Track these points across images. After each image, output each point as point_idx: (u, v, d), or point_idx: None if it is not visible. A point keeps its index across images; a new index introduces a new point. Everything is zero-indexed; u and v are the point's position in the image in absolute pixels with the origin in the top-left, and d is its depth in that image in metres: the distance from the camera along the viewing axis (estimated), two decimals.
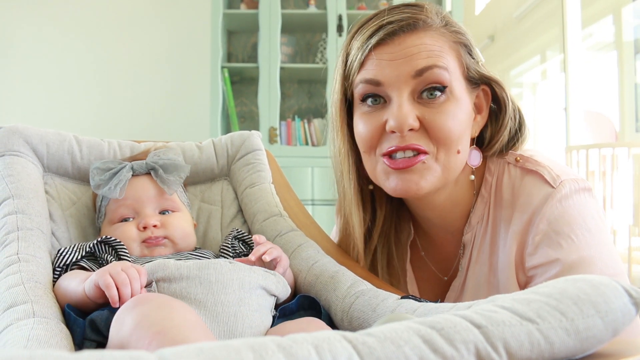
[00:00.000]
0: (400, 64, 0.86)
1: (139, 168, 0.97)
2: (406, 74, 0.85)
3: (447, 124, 0.85)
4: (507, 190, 0.91)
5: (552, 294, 0.42)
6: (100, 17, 3.82)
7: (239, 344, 0.37)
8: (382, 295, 0.75)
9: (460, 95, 0.88)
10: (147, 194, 0.95)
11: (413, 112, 0.85)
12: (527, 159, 0.91)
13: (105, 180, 0.94)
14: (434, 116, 0.85)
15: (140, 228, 0.91)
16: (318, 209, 3.07)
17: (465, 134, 0.89)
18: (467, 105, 0.89)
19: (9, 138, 0.99)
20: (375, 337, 0.38)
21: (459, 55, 0.89)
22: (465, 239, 0.96)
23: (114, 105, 3.81)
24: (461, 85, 0.89)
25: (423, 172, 0.86)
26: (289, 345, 0.37)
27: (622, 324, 0.45)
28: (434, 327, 0.37)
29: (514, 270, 0.88)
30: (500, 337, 0.38)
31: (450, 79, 0.86)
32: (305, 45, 3.57)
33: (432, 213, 0.98)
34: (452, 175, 0.90)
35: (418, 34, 0.87)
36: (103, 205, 0.96)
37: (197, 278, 0.71)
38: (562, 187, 0.85)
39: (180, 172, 0.99)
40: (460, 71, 0.89)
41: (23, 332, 0.59)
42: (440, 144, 0.86)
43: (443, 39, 0.88)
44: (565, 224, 0.84)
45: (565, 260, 0.82)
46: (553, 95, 4.89)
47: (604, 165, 2.99)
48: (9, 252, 0.80)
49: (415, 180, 0.86)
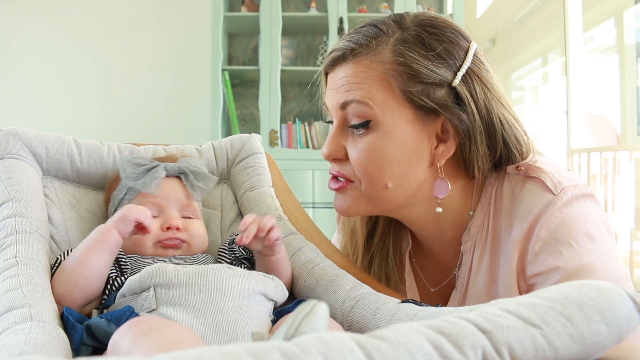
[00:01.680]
0: (333, 94, 0.90)
1: (172, 170, 0.98)
2: (335, 106, 0.89)
3: (364, 162, 0.87)
4: (507, 198, 0.89)
5: (557, 299, 0.42)
6: (101, 20, 3.83)
7: (240, 349, 0.35)
8: (382, 299, 0.75)
9: (392, 128, 0.84)
10: (175, 196, 0.96)
11: (338, 144, 0.90)
12: (529, 165, 0.89)
13: (138, 174, 0.94)
14: (352, 151, 0.88)
15: (164, 228, 0.91)
16: (319, 212, 3.06)
17: (397, 169, 0.86)
18: (405, 137, 0.85)
19: (8, 141, 0.98)
20: (388, 343, 0.37)
21: (391, 85, 0.84)
22: (464, 247, 0.94)
23: (114, 107, 3.81)
24: (399, 117, 0.84)
25: (347, 198, 0.91)
26: (295, 355, 0.35)
27: (626, 331, 0.45)
28: (442, 332, 0.37)
29: (515, 279, 0.87)
30: (504, 342, 0.38)
31: (374, 113, 0.84)
32: (306, 48, 3.58)
33: (416, 226, 0.98)
34: (387, 205, 0.90)
35: (347, 64, 0.88)
36: (127, 198, 0.96)
37: (196, 285, 0.71)
38: (564, 194, 0.83)
39: (209, 182, 1.02)
40: (398, 101, 0.84)
41: (20, 337, 0.58)
42: (361, 179, 0.88)
43: (372, 70, 0.85)
44: (566, 231, 0.82)
45: (565, 268, 0.80)
46: (554, 98, 4.89)
47: (605, 169, 2.98)
48: (7, 255, 0.80)
49: (344, 203, 0.92)
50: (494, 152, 0.88)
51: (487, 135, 0.86)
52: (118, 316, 0.67)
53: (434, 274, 1.03)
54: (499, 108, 0.87)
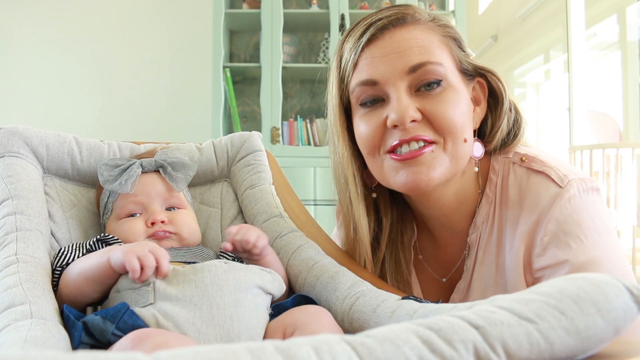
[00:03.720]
0: (393, 59, 0.85)
1: (148, 165, 0.98)
2: (400, 70, 0.85)
3: (449, 112, 0.85)
4: (514, 190, 0.90)
5: (552, 293, 0.42)
6: (102, 17, 3.83)
7: (237, 346, 0.36)
8: (382, 296, 0.75)
9: (458, 86, 0.88)
10: (156, 190, 0.96)
11: (413, 104, 0.84)
12: (533, 158, 0.90)
13: (115, 175, 0.95)
14: (435, 105, 0.85)
15: (149, 224, 0.92)
16: (320, 209, 3.06)
17: (468, 123, 0.89)
18: (465, 95, 0.90)
19: (9, 139, 0.99)
20: (374, 338, 0.38)
21: (449, 48, 0.89)
22: (471, 239, 0.95)
23: (115, 105, 3.81)
24: (457, 77, 0.89)
25: (432, 163, 0.85)
26: (288, 348, 0.37)
27: (623, 323, 0.45)
28: (431, 328, 0.37)
29: (522, 272, 0.87)
30: (498, 337, 0.38)
31: (445, 72, 0.86)
32: (307, 45, 3.57)
33: (439, 211, 0.96)
34: (461, 165, 0.88)
35: (407, 27, 0.87)
36: (110, 201, 0.97)
37: (193, 282, 0.71)
38: (570, 186, 0.84)
39: (188, 171, 1.01)
40: (454, 64, 0.89)
41: (20, 334, 0.58)
42: (445, 133, 0.85)
43: (432, 33, 0.88)
44: (574, 225, 0.82)
45: (574, 261, 0.81)
46: (556, 95, 4.88)
47: (608, 166, 2.97)
48: (7, 252, 0.80)
49: (425, 172, 0.84)
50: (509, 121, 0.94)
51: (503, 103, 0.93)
52: (113, 313, 0.67)
53: (437, 266, 1.03)
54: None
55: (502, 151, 0.95)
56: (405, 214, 1.04)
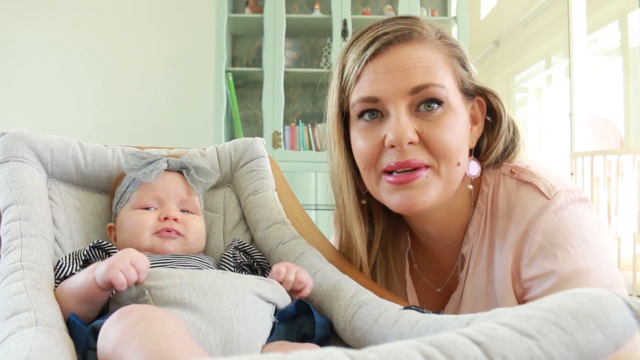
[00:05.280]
0: (396, 77, 0.85)
1: (173, 164, 1.00)
2: (403, 89, 0.84)
3: (446, 136, 0.85)
4: (503, 202, 0.91)
5: (551, 309, 0.42)
6: (105, 22, 3.84)
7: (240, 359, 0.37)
8: (384, 306, 0.75)
9: (457, 107, 0.88)
10: (176, 189, 0.98)
11: (411, 126, 0.84)
12: (523, 170, 0.91)
13: (140, 165, 0.97)
14: (433, 129, 0.85)
15: (161, 218, 0.94)
16: (321, 214, 3.07)
17: (463, 145, 0.89)
18: (464, 117, 0.90)
19: (14, 144, 0.99)
20: (377, 354, 0.38)
21: (453, 68, 0.89)
22: (464, 250, 0.96)
23: (118, 109, 3.82)
24: (457, 98, 0.89)
25: (426, 187, 0.86)
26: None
27: (623, 337, 0.45)
28: (433, 344, 0.37)
29: (510, 282, 0.88)
30: (499, 353, 0.38)
31: (447, 94, 0.86)
32: (309, 50, 3.58)
33: (431, 227, 0.97)
34: (454, 187, 0.89)
35: (413, 45, 0.86)
36: (129, 190, 0.98)
37: (190, 285, 0.72)
38: (558, 198, 0.84)
39: (210, 178, 1.04)
40: (456, 84, 0.89)
41: (25, 341, 0.59)
42: (440, 157, 0.85)
43: (438, 53, 0.87)
44: (561, 235, 0.83)
45: (560, 272, 0.82)
46: (558, 100, 4.88)
47: (609, 172, 2.98)
48: (12, 258, 0.80)
49: (418, 196, 0.86)
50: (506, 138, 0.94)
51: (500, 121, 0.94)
52: None
53: (432, 275, 1.04)
54: None
55: (495, 166, 0.96)
56: (399, 224, 1.05)
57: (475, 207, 0.95)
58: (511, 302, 0.88)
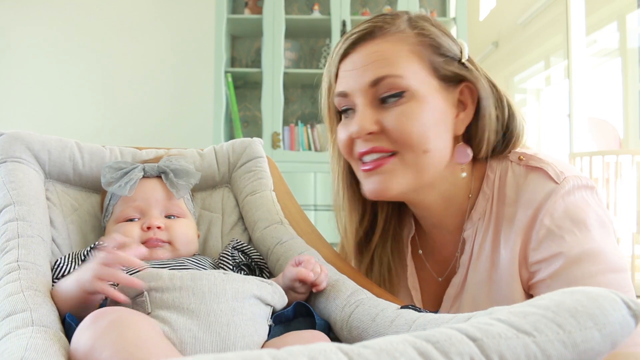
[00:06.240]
0: (359, 74, 0.90)
1: (151, 170, 0.99)
2: (363, 84, 0.89)
3: (406, 126, 0.87)
4: (511, 188, 0.91)
5: (549, 307, 0.42)
6: (104, 23, 3.84)
7: (232, 356, 0.36)
8: (381, 305, 0.75)
9: (426, 96, 0.88)
10: (155, 196, 0.97)
11: (372, 117, 0.88)
12: (531, 156, 0.92)
13: (117, 178, 0.96)
14: (392, 119, 0.88)
15: (144, 228, 0.93)
16: (320, 215, 3.07)
17: (433, 133, 0.89)
18: (437, 104, 0.89)
19: (11, 144, 0.99)
20: (371, 349, 0.38)
21: (421, 57, 0.89)
22: (466, 234, 0.96)
23: (117, 110, 3.82)
24: (429, 86, 0.89)
25: (392, 173, 0.89)
26: (284, 358, 0.37)
27: (620, 337, 0.45)
28: (429, 340, 0.37)
29: (517, 267, 0.88)
30: (496, 350, 0.38)
31: (408, 83, 0.87)
32: (309, 51, 3.58)
33: (427, 212, 0.99)
34: (426, 175, 0.90)
35: (375, 41, 0.90)
36: (111, 204, 0.97)
37: (190, 288, 0.71)
38: (566, 182, 0.86)
39: (190, 179, 1.02)
40: (427, 72, 0.89)
41: (21, 341, 0.58)
42: (402, 146, 0.88)
43: (401, 44, 0.89)
44: (569, 219, 0.84)
45: (568, 253, 0.83)
46: (557, 101, 4.89)
47: (607, 173, 2.98)
48: (8, 259, 0.80)
49: (385, 181, 0.90)
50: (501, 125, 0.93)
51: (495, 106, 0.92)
52: None
53: (434, 263, 1.05)
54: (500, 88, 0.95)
55: (501, 154, 0.96)
56: (404, 211, 1.07)
57: (481, 191, 0.95)
58: (516, 287, 0.89)
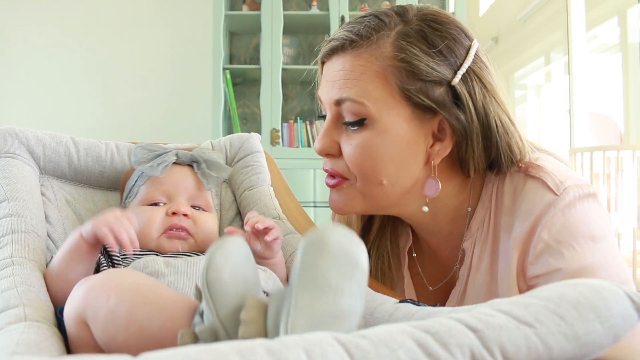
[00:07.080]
0: (329, 86, 0.87)
1: (183, 157, 0.98)
2: (329, 100, 0.87)
3: (360, 159, 0.84)
4: (508, 196, 0.88)
5: (551, 298, 0.41)
6: (102, 19, 3.83)
7: (226, 347, 0.36)
8: (380, 299, 0.74)
9: (389, 125, 0.82)
10: (185, 184, 0.95)
11: (333, 138, 0.87)
12: (530, 163, 0.87)
13: (148, 158, 0.95)
14: (346, 148, 0.86)
15: (169, 213, 0.90)
16: (320, 211, 3.06)
17: (393, 165, 0.84)
18: (402, 135, 0.83)
19: (5, 140, 0.98)
20: (368, 340, 0.37)
21: (390, 82, 0.81)
22: (465, 245, 0.93)
23: (115, 106, 3.81)
24: (395, 115, 0.82)
25: (345, 196, 0.89)
26: (279, 350, 0.36)
27: (623, 330, 0.44)
28: (428, 331, 0.36)
29: (515, 279, 0.85)
30: (496, 341, 0.37)
31: (369, 112, 0.82)
32: (307, 47, 3.57)
33: (412, 221, 0.97)
34: (382, 203, 0.88)
35: (345, 55, 0.85)
36: (137, 184, 0.95)
37: (185, 273, 0.71)
38: (566, 194, 0.81)
39: (222, 172, 1.01)
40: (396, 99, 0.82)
41: (12, 337, 0.58)
42: (356, 177, 0.86)
43: (370, 63, 0.82)
44: (568, 233, 0.81)
45: (567, 269, 0.79)
46: (557, 97, 4.88)
47: (608, 168, 2.97)
48: (2, 255, 0.79)
49: (340, 202, 0.90)
50: (489, 153, 0.87)
51: (483, 137, 0.85)
52: None
53: (433, 271, 1.02)
54: (497, 110, 0.85)
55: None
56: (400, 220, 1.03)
57: (479, 201, 0.92)
58: None
